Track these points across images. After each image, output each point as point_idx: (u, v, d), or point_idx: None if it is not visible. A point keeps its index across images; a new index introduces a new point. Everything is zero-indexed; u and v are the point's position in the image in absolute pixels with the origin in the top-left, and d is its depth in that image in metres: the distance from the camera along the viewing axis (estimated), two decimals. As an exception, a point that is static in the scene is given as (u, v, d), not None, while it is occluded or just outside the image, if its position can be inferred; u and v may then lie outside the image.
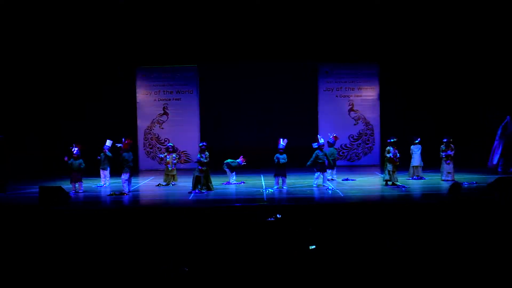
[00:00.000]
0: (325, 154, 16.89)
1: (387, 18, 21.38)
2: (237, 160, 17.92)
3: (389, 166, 16.39)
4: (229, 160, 17.97)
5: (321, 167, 16.72)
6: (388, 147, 16.57)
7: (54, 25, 20.96)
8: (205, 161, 16.26)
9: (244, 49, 22.07)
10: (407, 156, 18.12)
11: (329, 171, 18.23)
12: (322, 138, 17.27)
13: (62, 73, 22.16)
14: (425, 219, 10.95)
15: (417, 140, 18.12)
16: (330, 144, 18.34)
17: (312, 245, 9.58)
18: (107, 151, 17.68)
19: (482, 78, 21.77)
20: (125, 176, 16.03)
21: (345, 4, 21.09)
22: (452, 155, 17.19)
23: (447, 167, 17.31)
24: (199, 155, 16.29)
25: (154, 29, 21.64)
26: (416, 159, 18.07)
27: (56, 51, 21.70)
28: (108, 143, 17.83)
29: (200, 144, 16.81)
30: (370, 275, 8.98)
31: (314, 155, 16.68)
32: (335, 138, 18.62)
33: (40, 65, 21.77)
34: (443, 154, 17.28)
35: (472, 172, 18.66)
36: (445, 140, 17.35)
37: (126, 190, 15.98)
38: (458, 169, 17.76)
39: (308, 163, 16.69)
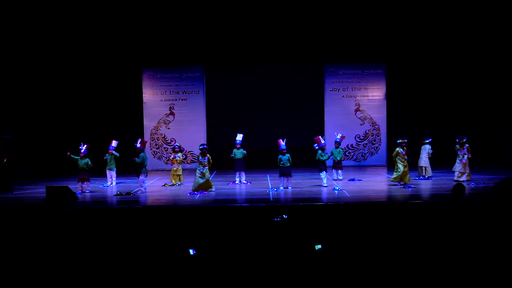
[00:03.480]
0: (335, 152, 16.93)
1: (394, 18, 21.36)
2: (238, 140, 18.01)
3: (401, 167, 16.39)
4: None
5: (324, 167, 16.80)
6: (397, 148, 16.60)
7: (61, 26, 21.06)
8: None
9: (250, 49, 22.06)
10: (416, 156, 18.19)
11: (334, 171, 18.28)
12: (323, 139, 17.24)
13: (68, 74, 22.21)
14: (431, 219, 10.91)
15: (428, 139, 18.16)
16: (337, 144, 18.37)
17: (318, 245, 9.56)
18: (113, 151, 17.74)
19: (490, 77, 21.73)
20: (142, 177, 16.30)
21: (351, 4, 21.07)
22: (459, 154, 17.01)
23: (457, 166, 17.17)
24: (200, 158, 16.34)
25: (161, 29, 21.68)
26: (422, 159, 18.09)
27: (62, 52, 21.77)
28: (114, 143, 17.90)
29: (202, 147, 16.69)
30: (375, 275, 8.95)
31: (318, 155, 16.73)
32: (342, 137, 18.64)
33: (47, 66, 21.85)
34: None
35: (485, 172, 18.59)
36: (457, 139, 17.21)
37: (143, 189, 16.24)
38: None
39: (321, 166, 16.75)
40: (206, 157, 16.30)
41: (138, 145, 16.58)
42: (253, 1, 20.82)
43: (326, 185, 16.70)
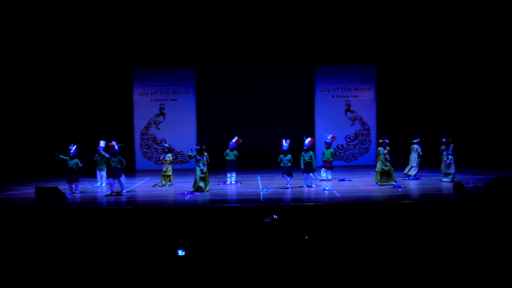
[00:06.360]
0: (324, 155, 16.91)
1: (385, 19, 21.43)
2: (232, 142, 17.90)
3: (379, 167, 16.56)
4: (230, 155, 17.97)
5: (308, 168, 16.81)
6: (379, 148, 16.77)
7: (51, 25, 20.94)
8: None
9: (241, 50, 22.05)
10: (405, 156, 18.29)
11: (323, 171, 18.35)
12: (308, 139, 17.24)
13: (58, 74, 22.09)
14: (422, 219, 10.97)
15: (417, 139, 18.26)
16: (328, 145, 18.45)
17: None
18: (102, 151, 17.62)
19: (482, 77, 21.86)
20: (123, 178, 16.17)
21: (342, 5, 21.12)
22: (444, 154, 17.13)
23: (443, 167, 17.29)
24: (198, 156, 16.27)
25: (152, 29, 21.62)
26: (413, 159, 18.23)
27: (52, 52, 21.65)
28: (102, 143, 17.74)
29: (198, 146, 16.59)
30: (366, 274, 8.98)
31: (308, 156, 16.79)
32: (333, 138, 18.71)
33: (37, 66, 21.72)
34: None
35: (475, 172, 18.68)
36: (443, 139, 17.32)
37: (110, 190, 16.01)
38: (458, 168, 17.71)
39: (302, 166, 16.86)
40: (204, 156, 16.26)
41: (117, 147, 16.29)
42: (245, 2, 20.80)
43: (305, 185, 16.78)
